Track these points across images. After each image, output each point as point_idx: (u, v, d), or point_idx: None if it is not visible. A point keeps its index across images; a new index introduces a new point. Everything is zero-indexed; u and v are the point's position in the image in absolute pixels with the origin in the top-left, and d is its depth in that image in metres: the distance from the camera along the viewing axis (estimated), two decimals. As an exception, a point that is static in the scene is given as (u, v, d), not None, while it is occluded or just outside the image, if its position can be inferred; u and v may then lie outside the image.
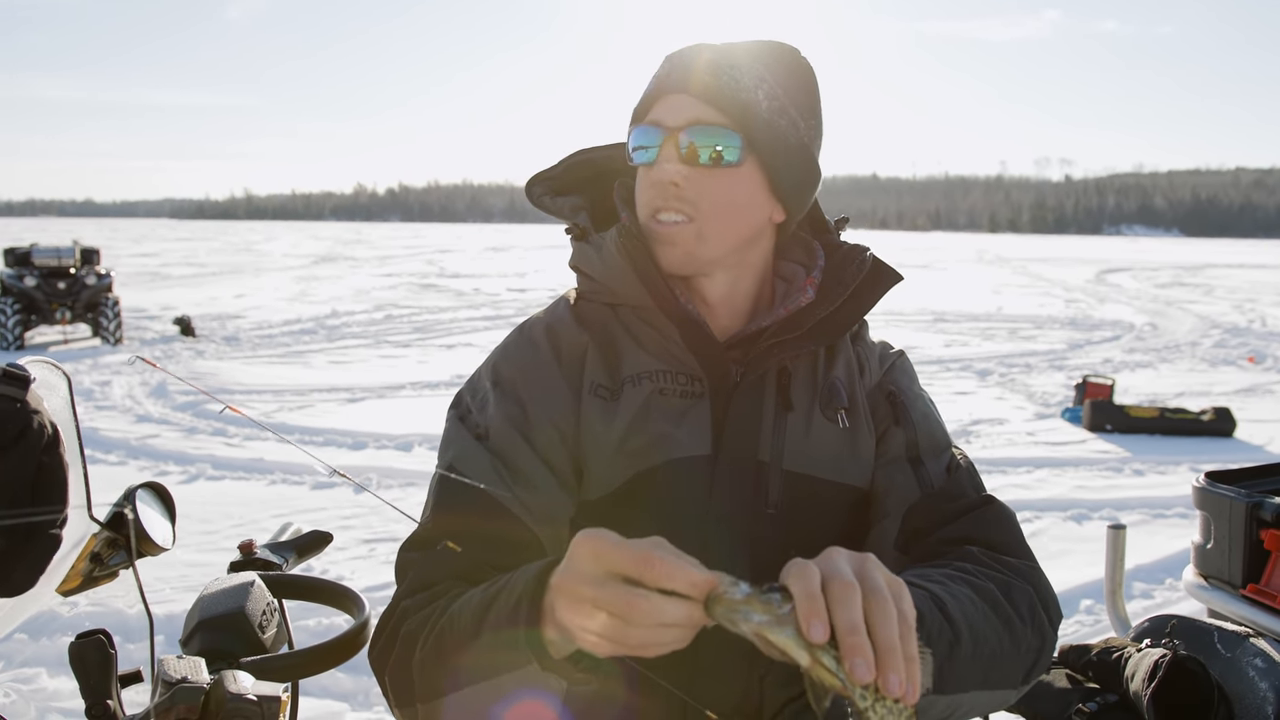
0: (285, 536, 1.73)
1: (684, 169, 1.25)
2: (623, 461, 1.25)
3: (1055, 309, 21.54)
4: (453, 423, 1.31)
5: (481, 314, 18.97)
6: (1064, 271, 38.28)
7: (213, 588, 1.38)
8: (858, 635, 0.76)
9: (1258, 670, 1.59)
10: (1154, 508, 6.58)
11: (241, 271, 32.30)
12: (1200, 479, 1.95)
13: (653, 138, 1.27)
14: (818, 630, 0.76)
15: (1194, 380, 12.18)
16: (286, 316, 18.09)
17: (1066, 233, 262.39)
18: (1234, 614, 1.82)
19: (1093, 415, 9.01)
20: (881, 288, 1.37)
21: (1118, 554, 2.15)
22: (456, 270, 33.96)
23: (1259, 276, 37.40)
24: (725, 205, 1.27)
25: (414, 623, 1.12)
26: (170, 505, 1.66)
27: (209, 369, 11.86)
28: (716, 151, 1.24)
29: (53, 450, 1.14)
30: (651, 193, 1.27)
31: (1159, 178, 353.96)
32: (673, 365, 1.30)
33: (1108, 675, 1.67)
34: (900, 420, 1.35)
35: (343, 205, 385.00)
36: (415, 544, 1.23)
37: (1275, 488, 1.90)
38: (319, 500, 6.39)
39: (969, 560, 1.17)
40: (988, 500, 1.28)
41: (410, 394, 10.48)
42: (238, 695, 1.10)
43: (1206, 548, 1.91)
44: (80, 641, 1.29)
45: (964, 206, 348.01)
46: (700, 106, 1.25)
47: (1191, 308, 22.34)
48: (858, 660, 0.76)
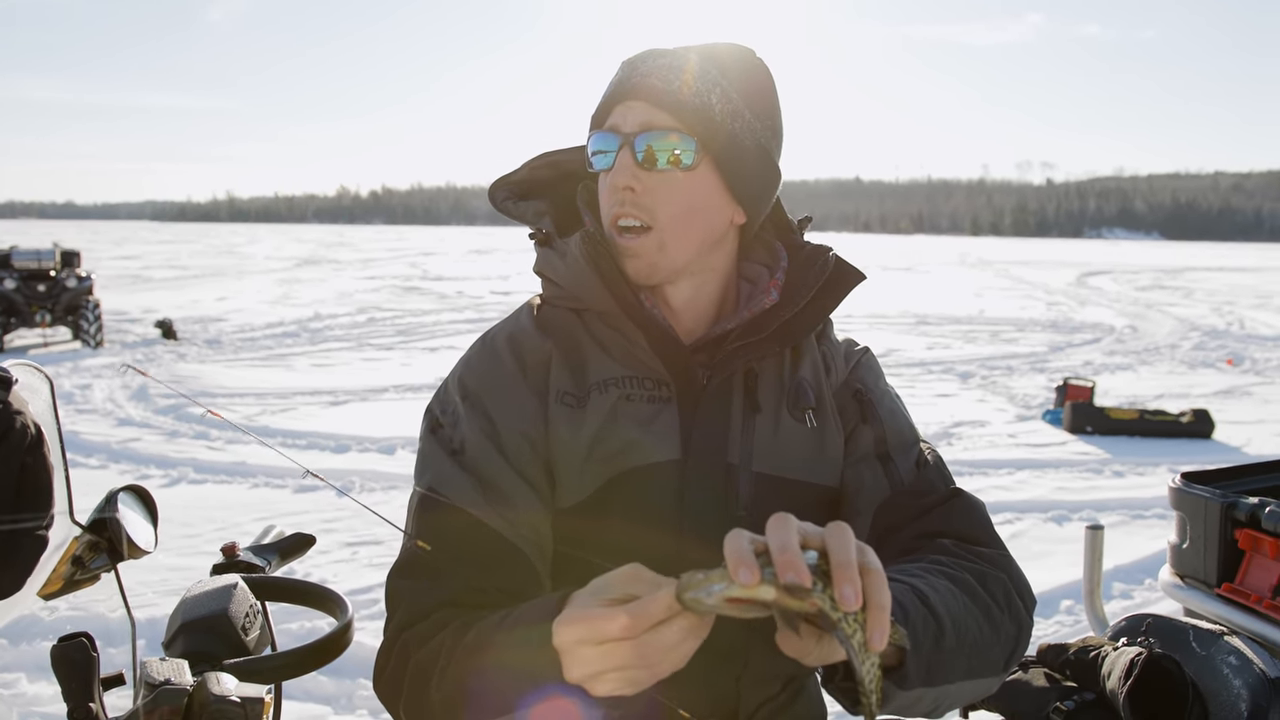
0: (268, 539, 1.73)
1: (640, 174, 1.26)
2: (593, 469, 1.26)
3: (1037, 311, 21.66)
4: (426, 439, 1.31)
5: (465, 317, 18.94)
6: (1045, 274, 38.49)
7: (195, 590, 1.38)
8: (787, 553, 0.80)
9: (1231, 668, 1.61)
10: (1133, 509, 6.63)
11: (224, 274, 32.14)
12: (1176, 479, 1.97)
13: (609, 143, 1.28)
14: (790, 576, 0.78)
15: (1173, 382, 12.27)
16: (269, 319, 18.01)
17: (1048, 236, 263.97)
18: (1209, 613, 1.84)
19: (1073, 417, 9.07)
20: (845, 287, 1.37)
21: (1096, 554, 2.17)
22: (440, 273, 33.89)
23: (1237, 279, 37.71)
24: (684, 210, 1.27)
25: (422, 657, 1.12)
26: (153, 508, 1.66)
27: (191, 372, 11.80)
28: (672, 156, 1.25)
29: (36, 452, 1.14)
30: (610, 199, 1.28)
31: (1139, 181, 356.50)
32: (639, 370, 1.30)
33: (1085, 674, 1.68)
34: (868, 418, 1.36)
35: (326, 208, 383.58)
36: (404, 571, 1.22)
37: (1250, 488, 1.93)
38: (301, 504, 6.37)
39: (942, 553, 1.19)
40: (955, 493, 1.30)
41: (393, 397, 10.46)
42: (221, 697, 1.10)
43: (1182, 547, 1.93)
44: (63, 644, 1.28)
45: (946, 210, 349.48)
46: (653, 111, 1.26)
47: (1171, 310, 22.50)
48: (846, 588, 0.79)
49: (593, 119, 1.33)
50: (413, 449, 7.87)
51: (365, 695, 3.81)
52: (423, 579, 1.19)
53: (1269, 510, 1.76)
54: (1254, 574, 1.81)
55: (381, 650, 1.21)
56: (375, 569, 5.17)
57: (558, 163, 1.43)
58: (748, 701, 1.31)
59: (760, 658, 1.30)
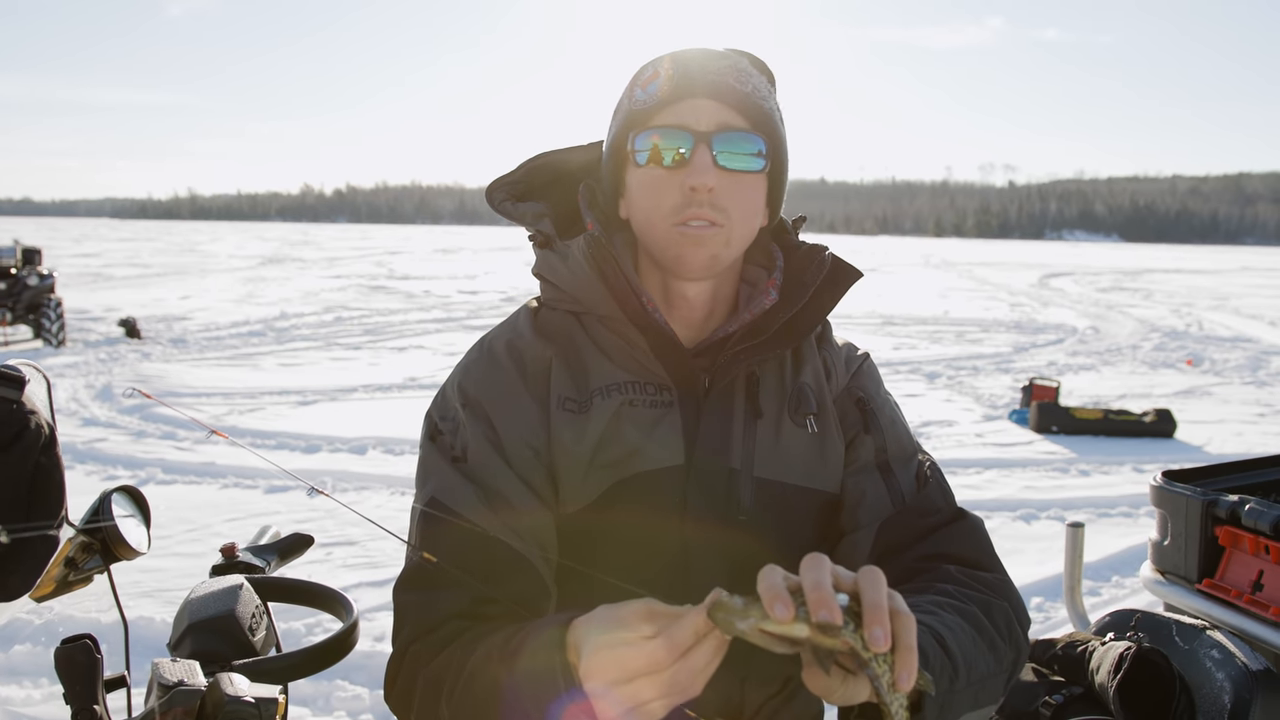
0: (265, 540, 1.72)
1: (719, 174, 1.24)
2: (596, 475, 1.26)
3: (1000, 312, 21.90)
4: (426, 446, 1.30)
5: (433, 316, 18.85)
6: (1008, 276, 38.93)
7: (200, 591, 1.38)
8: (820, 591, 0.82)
9: (1214, 661, 1.65)
10: (1099, 507, 6.74)
11: (186, 272, 31.76)
12: (1158, 478, 2.01)
13: (679, 140, 1.25)
14: (824, 615, 0.81)
15: (1135, 382, 12.46)
16: (234, 318, 17.83)
17: (1010, 237, 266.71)
18: (1190, 608, 1.89)
19: (1039, 417, 9.19)
20: (842, 286, 1.38)
21: (1076, 551, 2.21)
22: (406, 272, 33.70)
23: (1195, 281, 38.33)
24: (750, 211, 1.29)
25: (433, 671, 1.12)
26: (145, 509, 1.65)
27: (156, 371, 11.66)
28: (748, 158, 1.26)
29: (50, 452, 1.14)
30: (679, 197, 1.25)
31: (1099, 184, 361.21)
32: (641, 375, 1.30)
33: (1073, 668, 1.72)
34: (870, 427, 1.36)
35: (289, 206, 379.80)
36: (410, 583, 1.22)
37: (1228, 486, 1.97)
38: (273, 504, 6.32)
39: (948, 581, 1.20)
40: (959, 515, 1.31)
41: (363, 396, 10.39)
42: (236, 698, 1.10)
43: (1164, 544, 1.97)
44: (67, 647, 1.28)
45: (910, 211, 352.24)
46: (728, 111, 1.25)
47: (1131, 311, 22.84)
48: (876, 630, 0.82)
49: (637, 115, 1.29)
50: (384, 449, 7.84)
51: (343, 697, 3.79)
52: (430, 591, 1.19)
53: (1249, 508, 1.81)
54: (1234, 569, 1.86)
55: (391, 662, 1.21)
56: (350, 569, 5.14)
57: (555, 163, 1.41)
58: (751, 700, 1.32)
59: (763, 658, 1.32)
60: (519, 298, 23.07)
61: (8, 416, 1.09)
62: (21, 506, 1.10)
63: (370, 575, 5.05)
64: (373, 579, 4.99)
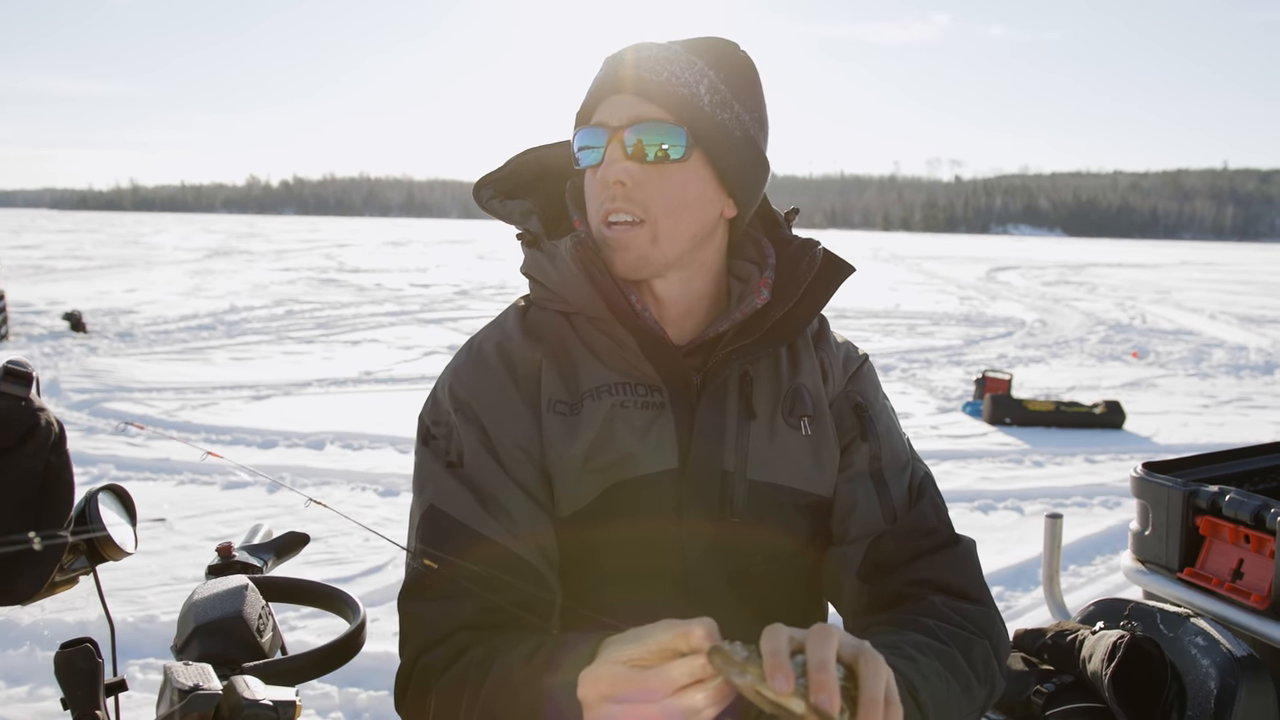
0: (258, 538, 1.70)
1: (630, 167, 1.23)
2: (589, 479, 1.25)
3: (950, 306, 22.18)
4: (420, 450, 1.29)
5: (385, 309, 18.64)
6: (956, 269, 39.43)
7: (204, 592, 1.36)
8: (825, 673, 0.83)
9: (1199, 648, 1.70)
10: (1054, 497, 6.86)
11: (131, 265, 31.09)
12: (1138, 469, 2.06)
13: (597, 138, 1.26)
14: (823, 700, 0.81)
15: (1083, 374, 12.69)
16: (183, 311, 17.51)
17: (957, 231, 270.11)
18: (1171, 596, 1.93)
19: (993, 409, 9.32)
20: (835, 282, 1.36)
21: (1055, 542, 2.25)
22: (357, 265, 33.31)
23: (1137, 275, 39.11)
24: (676, 203, 1.25)
25: (446, 684, 1.12)
26: (131, 508, 1.62)
27: (104, 366, 11.41)
28: (662, 149, 1.23)
29: (59, 449, 1.11)
30: (600, 195, 1.26)
31: (1043, 179, 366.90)
32: (631, 377, 1.29)
33: (1062, 657, 1.75)
34: (866, 434, 1.36)
35: (235, 198, 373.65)
36: (414, 593, 1.21)
37: (1207, 476, 2.03)
38: (232, 500, 6.23)
39: (932, 615, 1.21)
40: (952, 539, 1.31)
41: (318, 390, 10.27)
42: (254, 701, 1.09)
43: (1144, 534, 2.02)
44: (67, 651, 1.26)
45: (859, 205, 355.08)
46: (641, 104, 1.24)
47: (1077, 305, 23.25)
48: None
49: (578, 116, 1.31)
50: (342, 444, 7.76)
51: (312, 695, 3.75)
52: (435, 602, 1.18)
53: (1229, 498, 1.86)
54: (1214, 558, 1.91)
55: (401, 673, 1.21)
56: (313, 567, 5.08)
57: (543, 159, 1.40)
58: None
59: None
60: (472, 291, 22.92)
61: (18, 414, 1.06)
62: (34, 506, 1.08)
63: (335, 572, 5.00)
64: (338, 575, 4.94)
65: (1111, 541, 5.89)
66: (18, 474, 1.05)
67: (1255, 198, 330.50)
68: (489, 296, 21.31)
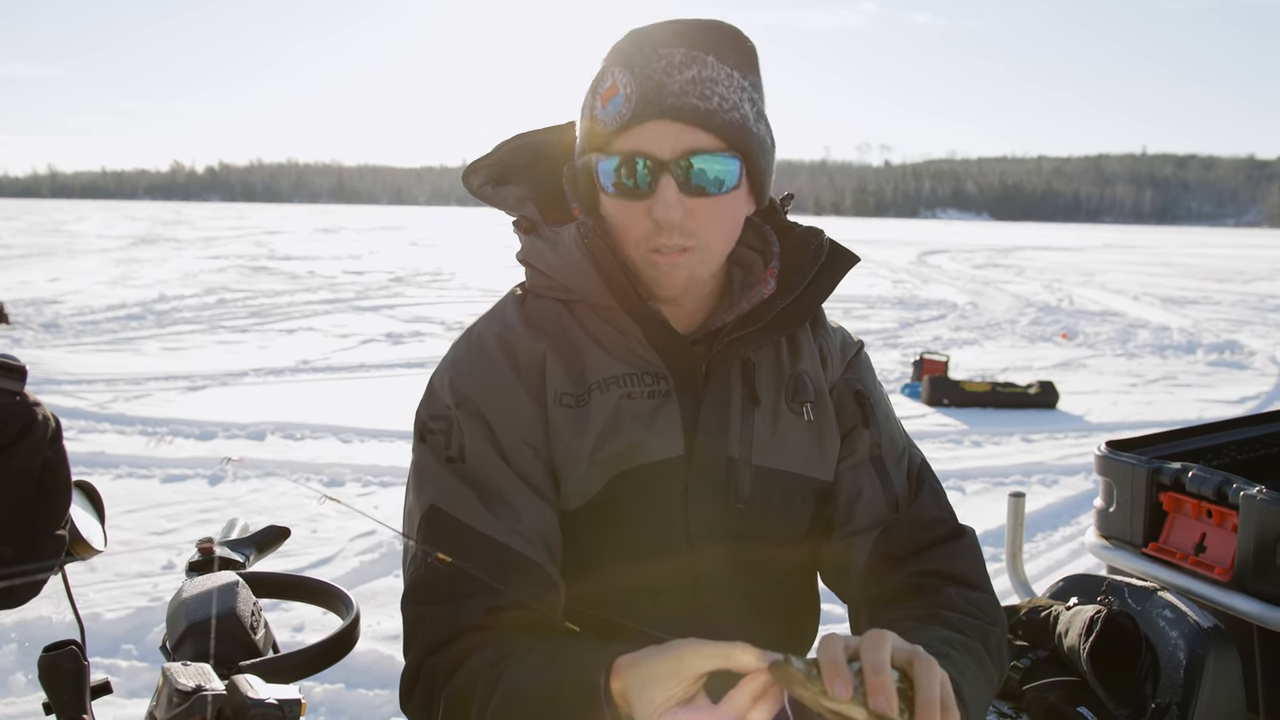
0: (235, 533, 1.67)
1: (687, 202, 1.19)
2: (597, 470, 1.25)
3: (884, 289, 22.48)
4: (418, 447, 1.27)
5: (320, 297, 18.33)
6: (888, 253, 39.95)
7: (193, 590, 1.33)
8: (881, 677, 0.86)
9: (1167, 620, 1.75)
10: (994, 476, 7.00)
11: (53, 253, 30.13)
12: (1102, 447, 2.11)
13: (644, 170, 1.19)
14: (881, 702, 0.84)
15: (1016, 356, 12.96)
16: (110, 301, 17.03)
17: (886, 216, 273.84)
18: (1136, 571, 1.99)
19: (931, 390, 9.49)
20: (840, 271, 1.37)
21: (1018, 521, 2.30)
22: (288, 252, 32.69)
23: (1062, 258, 40.02)
24: (728, 228, 1.26)
25: (455, 686, 1.11)
26: (99, 505, 1.58)
27: (30, 358, 11.06)
28: (718, 180, 1.20)
29: (56, 445, 1.08)
30: (647, 226, 1.21)
31: (970, 164, 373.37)
32: (637, 366, 1.28)
33: (1037, 633, 1.80)
34: (868, 422, 1.37)
35: (158, 184, 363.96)
36: (418, 595, 1.20)
37: (1168, 453, 2.09)
38: (173, 494, 6.09)
39: (950, 608, 1.22)
40: (957, 531, 1.34)
41: (255, 380, 10.07)
42: (259, 700, 1.07)
43: (1109, 511, 2.07)
44: (52, 653, 1.22)
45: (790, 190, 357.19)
46: (693, 133, 1.18)
47: (1007, 288, 23.71)
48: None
49: (596, 135, 1.23)
50: (283, 434, 7.62)
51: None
52: (440, 604, 1.17)
53: (1192, 474, 1.91)
54: (1177, 533, 1.97)
55: (407, 674, 1.20)
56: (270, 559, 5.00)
57: (534, 144, 1.37)
58: None
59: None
60: (406, 277, 22.64)
61: (13, 410, 1.02)
62: (32, 504, 1.04)
63: (291, 564, 4.92)
64: (293, 567, 4.86)
65: (1051, 519, 6.04)
66: (16, 471, 1.01)
67: (1172, 182, 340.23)
68: (424, 283, 21.07)
